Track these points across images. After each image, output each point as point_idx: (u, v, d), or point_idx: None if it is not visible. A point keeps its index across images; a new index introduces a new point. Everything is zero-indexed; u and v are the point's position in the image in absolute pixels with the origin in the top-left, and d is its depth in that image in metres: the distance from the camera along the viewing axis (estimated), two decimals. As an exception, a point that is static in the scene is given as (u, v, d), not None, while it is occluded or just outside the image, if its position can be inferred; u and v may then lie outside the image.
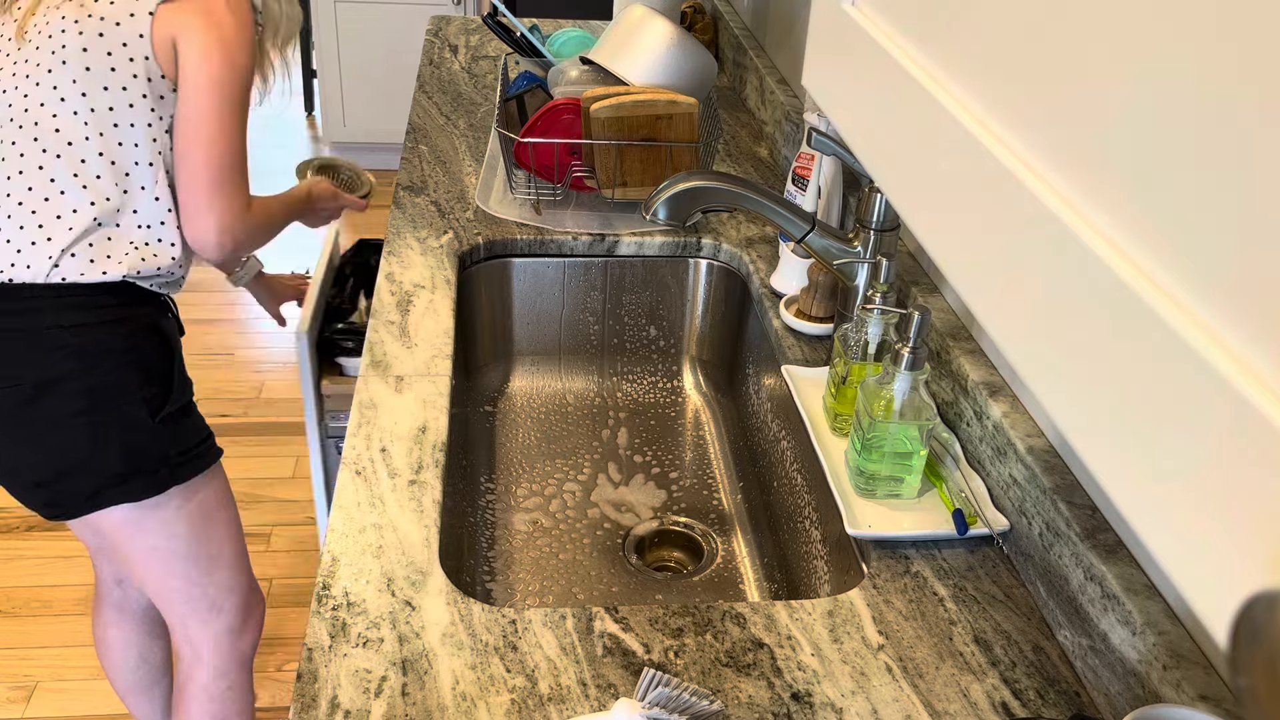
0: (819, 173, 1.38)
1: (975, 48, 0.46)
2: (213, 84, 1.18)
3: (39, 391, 1.20)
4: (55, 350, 1.20)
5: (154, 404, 1.25)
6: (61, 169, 1.21)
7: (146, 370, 1.25)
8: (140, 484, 1.26)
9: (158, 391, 1.26)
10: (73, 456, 1.22)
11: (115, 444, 1.23)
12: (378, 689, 0.82)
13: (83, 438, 1.21)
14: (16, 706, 1.89)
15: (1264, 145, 0.29)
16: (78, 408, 1.20)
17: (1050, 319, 0.39)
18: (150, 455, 1.26)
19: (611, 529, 1.30)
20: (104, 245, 1.22)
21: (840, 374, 1.11)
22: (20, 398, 1.19)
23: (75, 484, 1.23)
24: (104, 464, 1.23)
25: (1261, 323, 0.29)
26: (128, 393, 1.23)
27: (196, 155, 1.19)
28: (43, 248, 1.19)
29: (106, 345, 1.22)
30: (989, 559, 0.98)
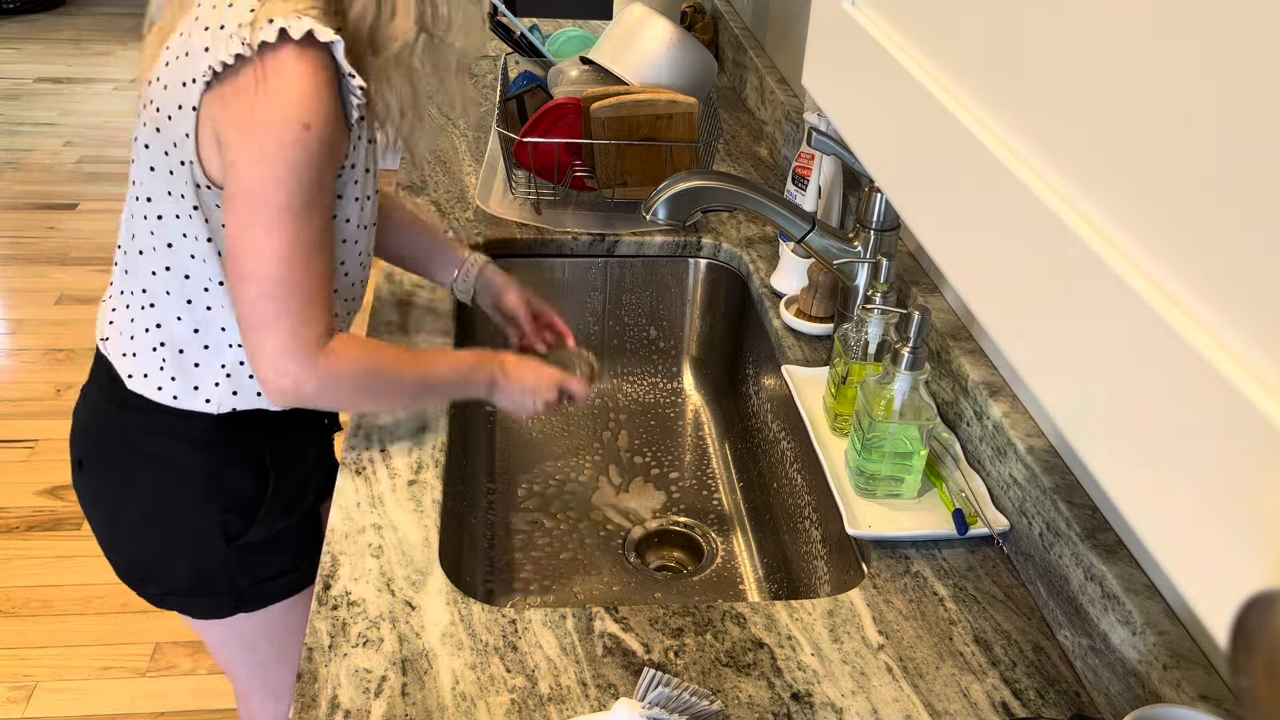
0: (819, 173, 1.38)
1: (975, 47, 0.46)
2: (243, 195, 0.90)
3: (121, 484, 1.11)
4: (136, 452, 1.09)
5: (230, 530, 1.11)
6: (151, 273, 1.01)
7: (228, 497, 1.10)
8: (202, 605, 1.16)
9: (236, 519, 1.11)
10: (143, 555, 1.14)
11: (184, 560, 1.13)
12: (378, 689, 0.82)
13: (154, 543, 1.13)
14: (16, 706, 1.89)
15: (1264, 145, 0.29)
16: (149, 516, 1.11)
17: (1050, 319, 0.39)
18: (217, 581, 1.13)
19: (612, 529, 1.30)
20: (190, 370, 1.03)
21: (840, 374, 1.11)
22: (105, 482, 1.12)
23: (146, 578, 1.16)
24: (171, 574, 1.14)
25: (1262, 323, 0.29)
26: (202, 515, 1.10)
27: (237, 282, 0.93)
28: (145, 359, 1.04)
29: (186, 464, 1.08)
30: (989, 559, 0.98)
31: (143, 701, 1.91)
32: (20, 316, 2.99)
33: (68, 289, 3.12)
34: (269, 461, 1.11)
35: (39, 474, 2.39)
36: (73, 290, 3.11)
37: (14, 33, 5.11)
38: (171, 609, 1.18)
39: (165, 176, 0.96)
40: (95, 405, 1.10)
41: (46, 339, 2.89)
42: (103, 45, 5.05)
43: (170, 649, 2.00)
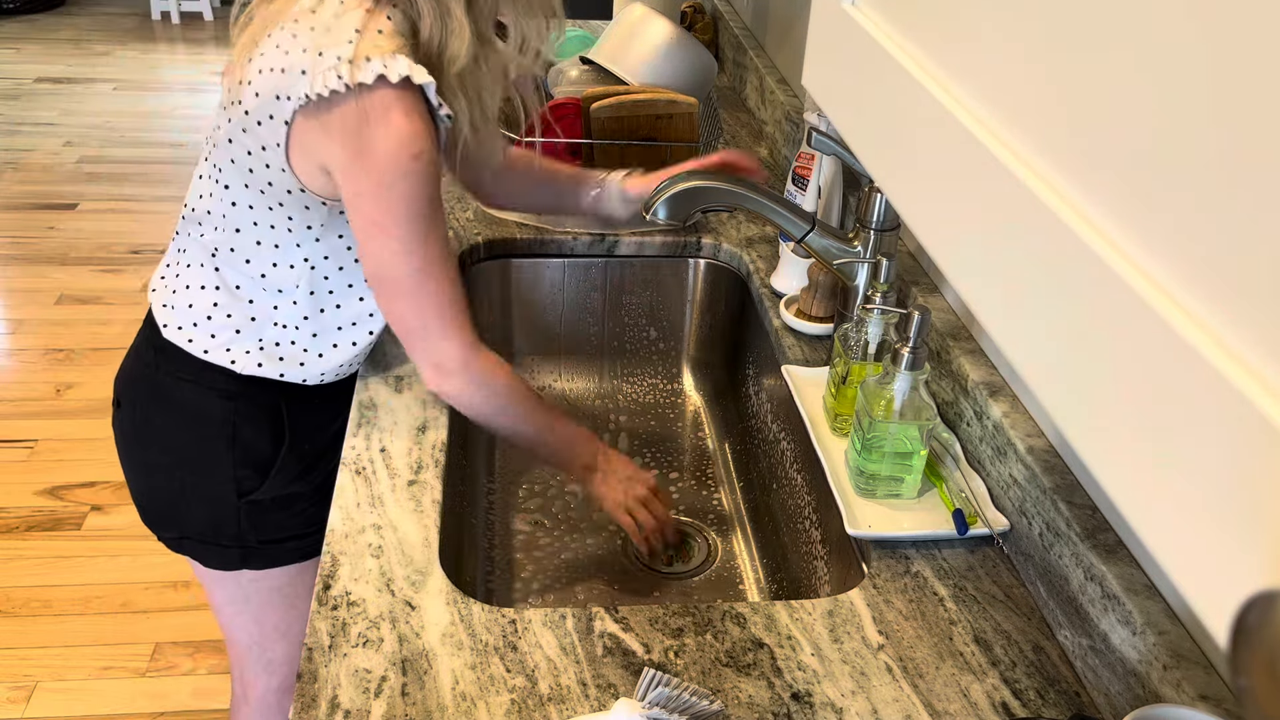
0: (819, 173, 1.38)
1: (975, 47, 0.46)
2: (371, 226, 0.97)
3: (145, 425, 1.17)
4: (163, 397, 1.15)
5: (242, 486, 1.16)
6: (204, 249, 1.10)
7: (244, 450, 1.15)
8: (213, 553, 1.21)
9: (250, 474, 1.16)
10: (162, 499, 1.20)
11: (199, 507, 1.18)
12: (378, 689, 0.82)
13: (173, 487, 1.18)
14: (16, 706, 1.89)
15: (1264, 147, 0.29)
16: (171, 459, 1.17)
17: (1050, 319, 0.39)
18: (227, 532, 1.19)
19: (612, 529, 1.30)
20: (230, 336, 1.11)
21: (840, 374, 1.11)
22: (134, 422, 1.18)
23: (164, 521, 1.22)
24: (186, 520, 1.20)
25: (1261, 323, 0.29)
26: (218, 466, 1.15)
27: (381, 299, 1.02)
28: (187, 313, 1.12)
29: (206, 413, 1.14)
30: (989, 559, 0.98)
31: (143, 701, 1.91)
32: (20, 316, 2.99)
33: (68, 289, 3.12)
34: (286, 423, 1.16)
35: (39, 474, 2.39)
36: (73, 290, 3.11)
37: (14, 33, 5.11)
38: (185, 554, 1.23)
39: (246, 172, 1.03)
40: (137, 349, 1.18)
41: (46, 339, 2.89)
42: (103, 45, 5.05)
43: (170, 649, 2.00)
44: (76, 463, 2.41)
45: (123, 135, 4.12)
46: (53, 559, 2.19)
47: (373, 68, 0.91)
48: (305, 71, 0.94)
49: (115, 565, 2.17)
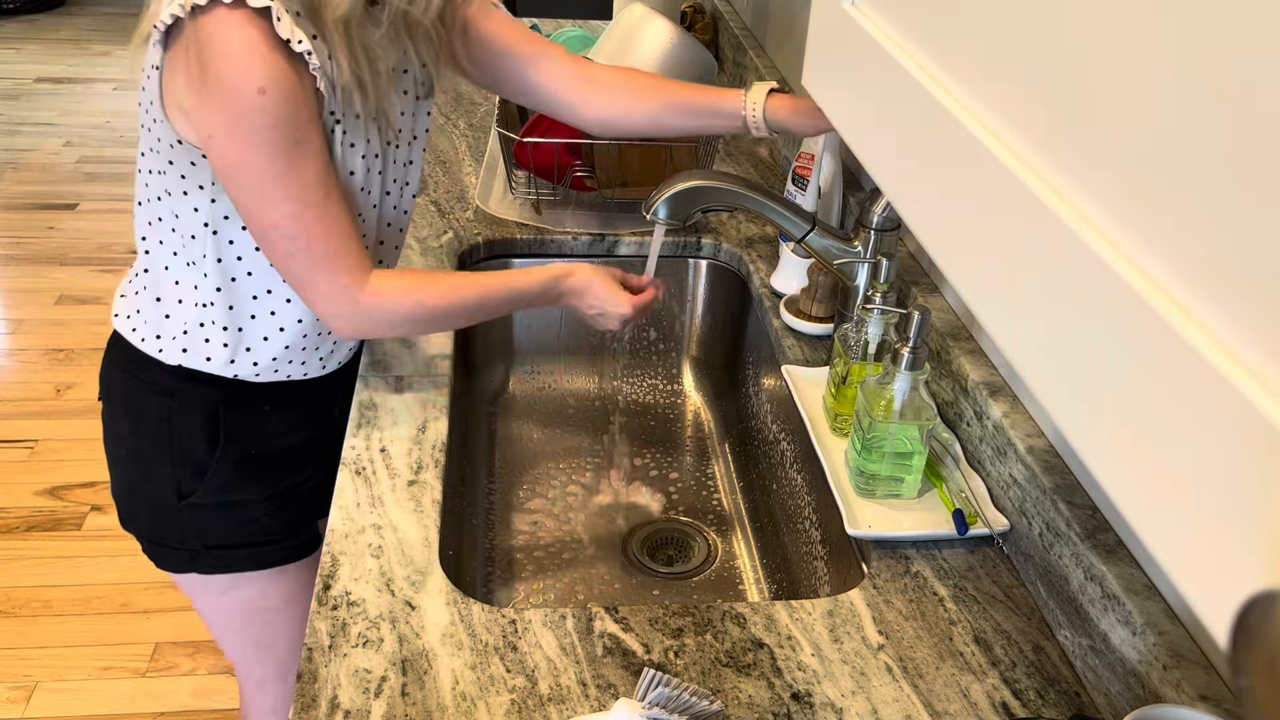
0: (819, 173, 1.38)
1: (975, 47, 0.46)
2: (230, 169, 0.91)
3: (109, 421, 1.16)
4: (112, 390, 1.14)
5: (183, 487, 1.12)
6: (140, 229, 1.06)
7: (180, 451, 1.11)
8: (162, 554, 1.18)
9: (189, 475, 1.12)
10: (121, 496, 1.18)
11: (145, 506, 1.16)
12: (378, 689, 0.82)
13: (126, 485, 1.16)
14: (16, 706, 1.89)
15: (1265, 147, 0.29)
16: (123, 455, 1.15)
17: (1050, 319, 0.39)
18: (172, 533, 1.15)
19: (612, 529, 1.30)
20: (159, 320, 1.08)
21: (840, 374, 1.11)
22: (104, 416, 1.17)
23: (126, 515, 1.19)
24: (139, 518, 1.17)
25: (1261, 323, 0.29)
26: (157, 464, 1.12)
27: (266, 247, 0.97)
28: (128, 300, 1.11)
29: (143, 409, 1.11)
30: (989, 559, 0.98)
31: (143, 701, 1.91)
32: (20, 316, 2.99)
33: (68, 289, 3.12)
34: (222, 424, 1.12)
35: (39, 474, 2.39)
36: (73, 290, 3.11)
37: (14, 33, 5.11)
38: (145, 553, 1.21)
39: (146, 135, 1.00)
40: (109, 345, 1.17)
41: (46, 339, 2.89)
42: (103, 45, 5.05)
43: (170, 649, 2.00)
44: (76, 463, 2.41)
45: (123, 135, 4.12)
46: (53, 559, 2.19)
47: None
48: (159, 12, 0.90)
49: (115, 565, 2.17)
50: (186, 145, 0.96)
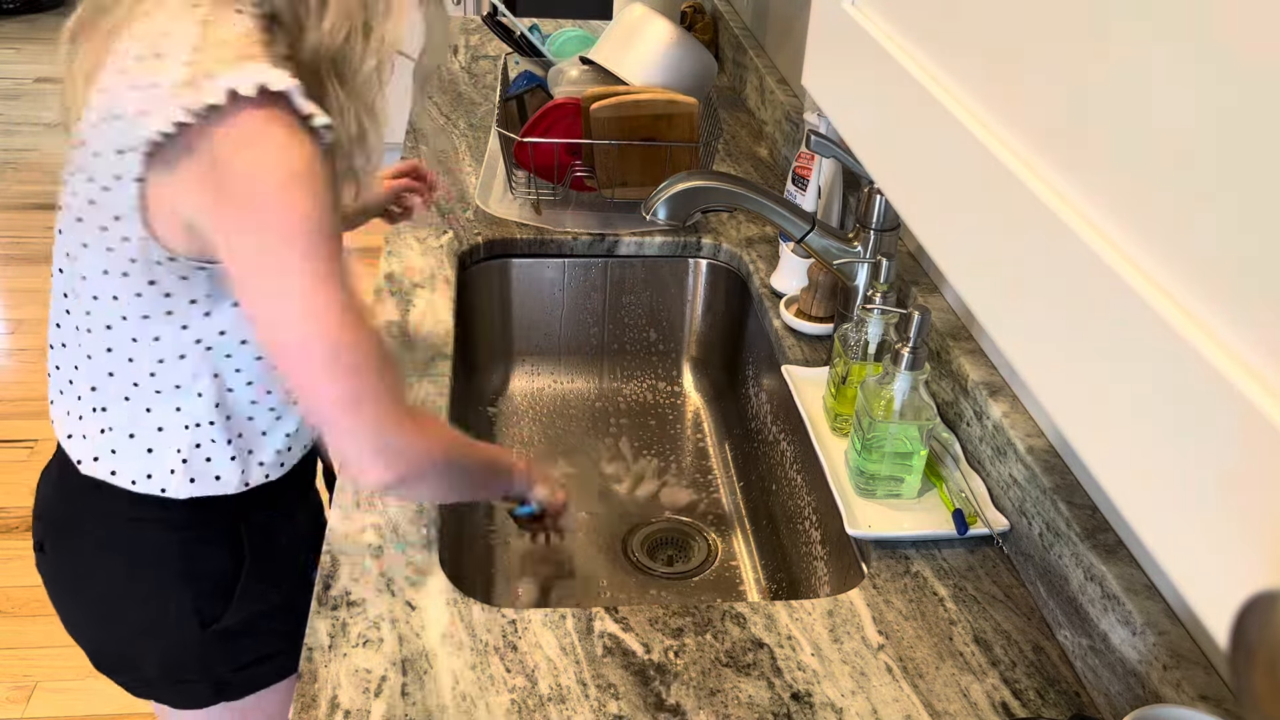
0: (819, 173, 1.38)
1: (975, 47, 0.46)
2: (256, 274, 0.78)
3: (87, 570, 1.02)
4: (100, 544, 1.01)
5: (205, 615, 1.01)
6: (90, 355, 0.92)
7: (202, 580, 1.00)
8: (181, 693, 1.07)
9: (212, 603, 1.01)
10: (110, 642, 1.06)
11: (153, 648, 1.03)
12: (378, 689, 0.82)
13: (120, 631, 1.04)
14: (16, 706, 1.89)
15: (1264, 148, 0.29)
16: (117, 603, 1.02)
17: (1050, 318, 0.39)
18: (190, 669, 1.04)
19: (612, 529, 1.30)
20: (143, 457, 0.95)
21: (840, 374, 1.11)
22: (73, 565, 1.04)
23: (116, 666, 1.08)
24: (141, 662, 1.05)
25: (1261, 323, 0.29)
26: (175, 601, 1.00)
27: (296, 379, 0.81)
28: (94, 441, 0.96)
29: (154, 549, 0.99)
30: (989, 559, 0.98)
31: (143, 701, 1.91)
32: (20, 316, 2.99)
33: (68, 289, 3.12)
34: (245, 537, 1.01)
35: (39, 474, 2.39)
36: (73, 290, 3.11)
37: (14, 33, 5.11)
38: (151, 698, 1.10)
39: (102, 254, 0.85)
40: (55, 483, 1.02)
41: (46, 339, 2.89)
42: (103, 45, 5.04)
43: (170, 649, 2.00)
44: (76, 463, 2.41)
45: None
46: (53, 559, 2.19)
47: (219, 84, 0.74)
48: (144, 112, 0.77)
49: (115, 565, 2.17)
50: (180, 261, 0.84)
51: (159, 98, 0.76)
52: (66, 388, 0.96)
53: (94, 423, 0.94)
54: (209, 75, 0.74)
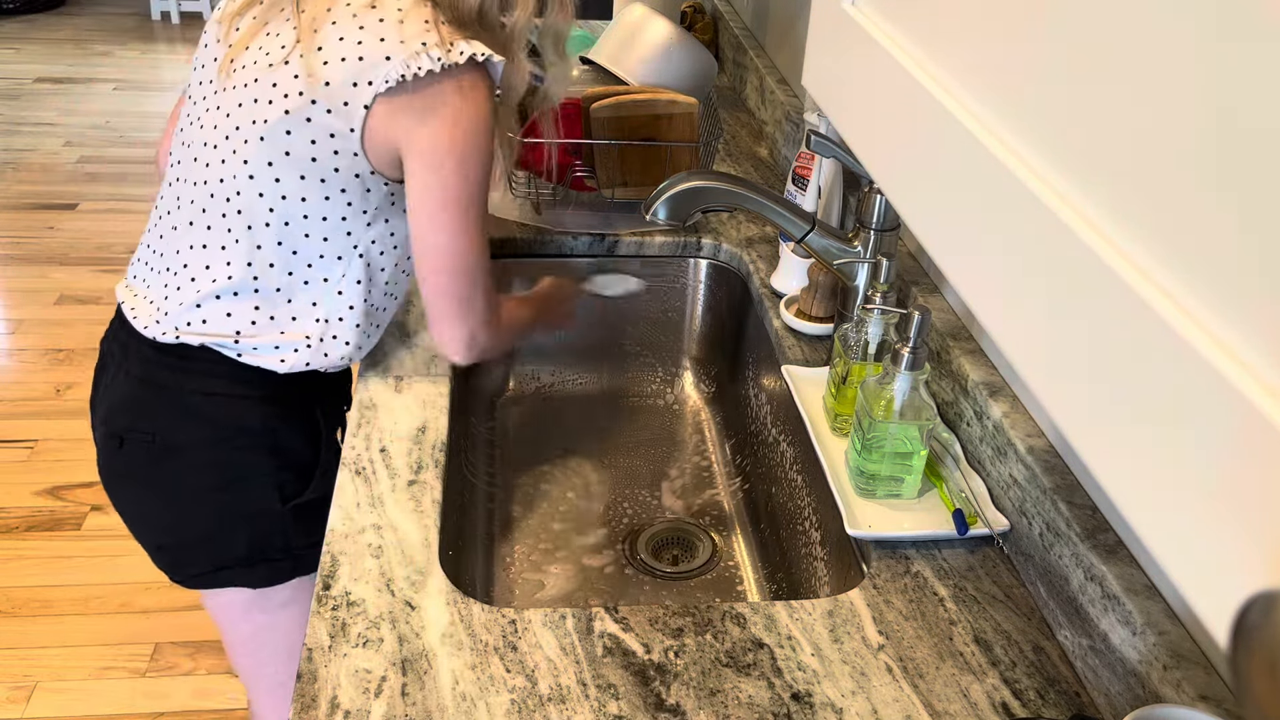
0: (819, 173, 1.38)
1: (975, 47, 0.46)
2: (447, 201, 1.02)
3: (168, 453, 1.11)
4: (190, 415, 1.10)
5: (286, 490, 1.14)
6: (239, 251, 1.07)
7: (284, 455, 1.13)
8: (263, 571, 1.17)
9: (293, 479, 1.14)
10: (196, 529, 1.14)
11: (241, 527, 1.14)
12: (378, 689, 0.82)
13: (207, 512, 1.13)
14: (16, 706, 1.89)
15: (1264, 149, 0.29)
16: (205, 481, 1.12)
17: (1050, 318, 0.39)
18: (275, 544, 1.16)
19: (612, 529, 1.30)
20: (272, 335, 1.09)
21: (840, 374, 1.11)
22: (151, 453, 1.12)
23: (197, 555, 1.16)
24: (227, 544, 1.15)
25: (1261, 322, 0.29)
26: (259, 475, 1.12)
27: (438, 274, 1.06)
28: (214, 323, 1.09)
29: (243, 423, 1.11)
30: (989, 559, 0.98)
31: (143, 701, 1.91)
32: (20, 316, 2.99)
33: (68, 289, 3.12)
34: (321, 419, 1.16)
35: (39, 474, 2.39)
36: (73, 290, 3.11)
37: (14, 33, 5.11)
38: (225, 584, 1.18)
39: (305, 162, 1.03)
40: (141, 377, 1.12)
41: (46, 339, 2.89)
42: (103, 45, 5.05)
43: (170, 649, 2.00)
44: (76, 463, 2.41)
45: (123, 135, 4.12)
46: (53, 559, 2.19)
47: (462, 49, 0.98)
48: (390, 57, 0.98)
49: (115, 565, 2.17)
50: (376, 176, 1.05)
51: (408, 49, 0.98)
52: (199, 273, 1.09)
53: (230, 305, 1.08)
54: (451, 41, 0.99)
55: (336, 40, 1.00)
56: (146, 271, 1.14)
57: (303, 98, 1.01)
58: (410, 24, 1.00)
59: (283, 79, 1.02)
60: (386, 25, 0.99)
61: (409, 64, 0.97)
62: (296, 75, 1.01)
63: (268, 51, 1.04)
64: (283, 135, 1.03)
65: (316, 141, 1.02)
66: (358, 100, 1.00)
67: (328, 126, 1.01)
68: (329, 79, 1.00)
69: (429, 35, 0.99)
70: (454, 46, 0.99)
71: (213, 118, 1.07)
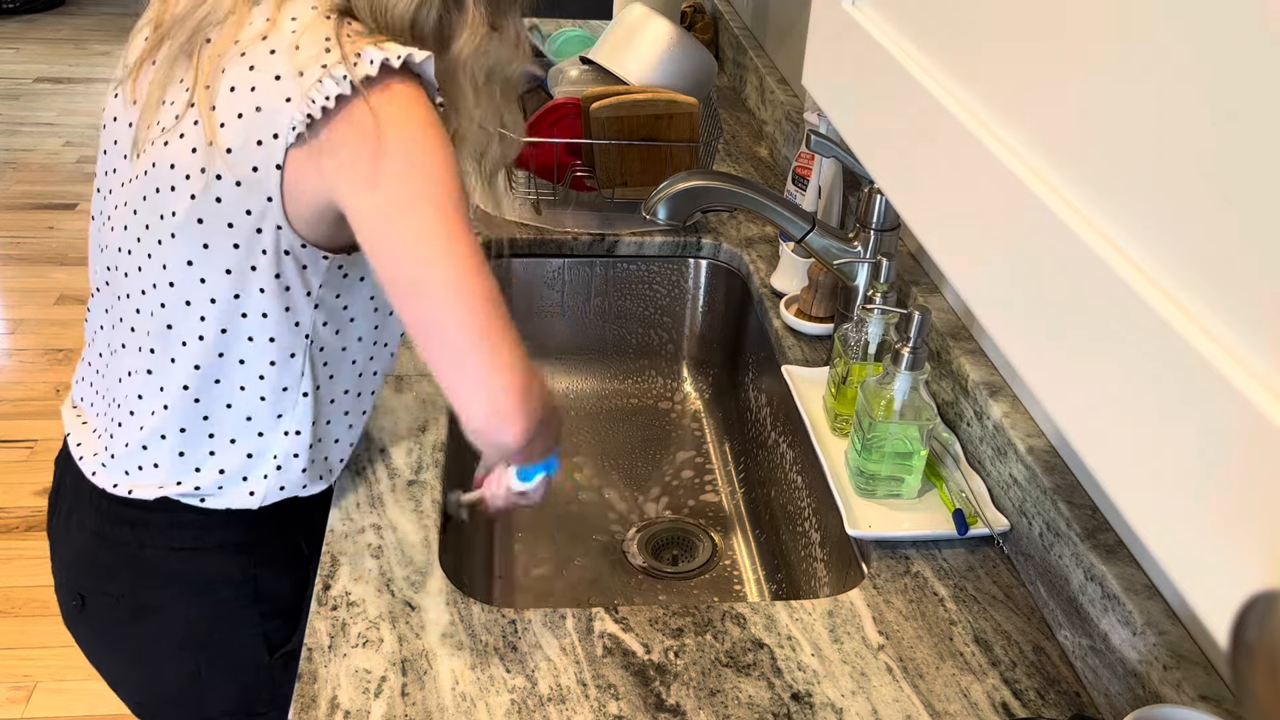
0: (819, 173, 1.38)
1: (975, 47, 0.46)
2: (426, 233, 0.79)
3: (138, 614, 0.99)
4: (156, 573, 0.97)
5: (273, 639, 1.01)
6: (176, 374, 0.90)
7: (269, 602, 1.00)
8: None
9: (278, 626, 1.01)
10: (176, 686, 1.03)
11: (225, 683, 1.02)
12: (378, 689, 0.82)
13: (187, 670, 1.01)
14: (16, 706, 1.89)
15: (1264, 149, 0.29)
16: (181, 640, 1.00)
17: (1051, 318, 0.39)
18: (262, 697, 1.04)
19: (612, 529, 1.30)
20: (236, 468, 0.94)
21: (840, 374, 1.11)
22: (118, 615, 1.00)
23: (179, 712, 1.06)
24: (211, 701, 1.04)
25: (1261, 322, 0.29)
26: (243, 629, 1.00)
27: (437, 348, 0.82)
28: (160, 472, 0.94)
29: (220, 576, 0.98)
30: (989, 559, 0.98)
31: (143, 701, 1.91)
32: (20, 316, 2.99)
33: (67, 289, 3.12)
34: (304, 552, 1.02)
35: (39, 474, 2.39)
36: (73, 290, 3.11)
37: (14, 33, 5.11)
38: None
39: (227, 252, 0.85)
40: (95, 531, 0.98)
41: (46, 339, 2.89)
42: (103, 45, 5.05)
43: (170, 649, 2.00)
44: (76, 463, 2.41)
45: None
46: (53, 559, 2.19)
47: (371, 56, 0.79)
48: (290, 98, 0.79)
49: (115, 565, 2.17)
50: (307, 249, 0.86)
51: (308, 81, 0.79)
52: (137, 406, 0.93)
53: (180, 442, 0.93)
54: (358, 53, 0.79)
55: (228, 93, 0.82)
56: (91, 394, 0.99)
57: (205, 175, 0.83)
58: (306, 48, 0.80)
59: (180, 157, 0.84)
60: (278, 58, 0.81)
61: (312, 98, 0.78)
62: (195, 149, 0.83)
63: (164, 126, 0.85)
64: (195, 226, 0.84)
65: (234, 225, 0.84)
66: (267, 162, 0.81)
67: (243, 202, 0.83)
68: (230, 144, 0.82)
69: (328, 55, 0.79)
70: (360, 56, 0.79)
71: (122, 216, 0.90)
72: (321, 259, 0.88)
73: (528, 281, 1.53)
